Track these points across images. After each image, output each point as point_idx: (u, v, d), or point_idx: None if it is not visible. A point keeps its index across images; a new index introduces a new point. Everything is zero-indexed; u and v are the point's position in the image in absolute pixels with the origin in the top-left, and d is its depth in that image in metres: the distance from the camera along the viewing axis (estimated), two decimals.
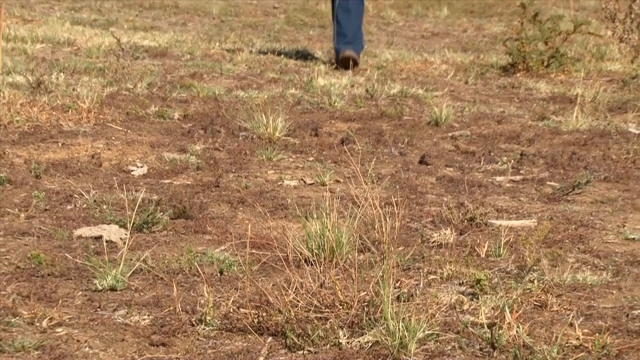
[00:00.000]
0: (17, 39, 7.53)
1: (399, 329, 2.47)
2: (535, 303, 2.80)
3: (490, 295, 2.82)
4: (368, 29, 9.05)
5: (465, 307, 2.76)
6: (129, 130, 4.72)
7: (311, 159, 4.43)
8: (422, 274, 3.01)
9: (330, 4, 7.60)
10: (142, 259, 2.99)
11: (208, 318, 2.60)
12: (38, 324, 2.55)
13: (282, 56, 7.52)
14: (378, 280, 2.58)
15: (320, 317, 2.54)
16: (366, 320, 2.54)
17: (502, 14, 11.62)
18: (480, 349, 2.50)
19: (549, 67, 7.02)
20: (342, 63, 7.12)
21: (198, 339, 2.53)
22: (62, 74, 5.91)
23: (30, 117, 4.72)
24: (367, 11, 8.88)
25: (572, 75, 6.95)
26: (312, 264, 2.70)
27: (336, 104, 5.60)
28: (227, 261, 3.05)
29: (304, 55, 7.67)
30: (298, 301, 2.57)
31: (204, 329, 2.57)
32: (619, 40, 8.07)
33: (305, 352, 2.47)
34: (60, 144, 4.39)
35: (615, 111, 5.73)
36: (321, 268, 2.66)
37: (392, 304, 2.52)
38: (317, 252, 2.96)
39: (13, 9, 9.53)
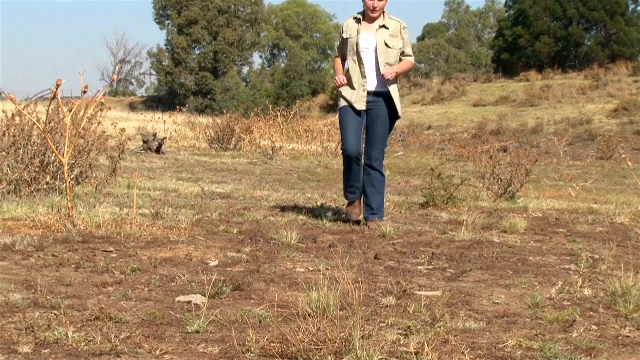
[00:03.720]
0: (144, 188, 7.60)
1: (363, 355, 2.45)
2: (442, 340, 2.77)
3: (416, 335, 2.79)
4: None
5: (401, 342, 2.73)
6: (208, 240, 4.73)
7: (312, 256, 4.43)
8: (376, 323, 2.98)
9: (344, 170, 5.63)
10: (214, 314, 2.97)
11: (252, 349, 2.57)
12: (153, 353, 2.53)
13: (296, 198, 7.58)
14: (351, 326, 2.56)
15: (318, 348, 2.52)
16: (344, 350, 2.51)
17: (420, 174, 11.76)
18: None
19: (448, 204, 7.07)
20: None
21: None
22: (170, 208, 5.94)
23: (152, 233, 4.74)
24: None
25: (460, 209, 7.00)
26: (312, 317, 2.68)
27: (326, 225, 5.62)
28: (263, 315, 3.02)
29: (308, 198, 7.72)
30: (304, 339, 2.55)
31: (250, 355, 2.54)
32: (486, 189, 8.17)
33: None
34: (168, 248, 4.40)
35: (485, 229, 5.76)
36: (318, 319, 2.64)
37: (359, 340, 2.50)
38: (315, 310, 2.94)
39: (144, 172, 9.64)
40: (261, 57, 65.49)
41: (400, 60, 5.58)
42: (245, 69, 56.89)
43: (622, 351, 2.73)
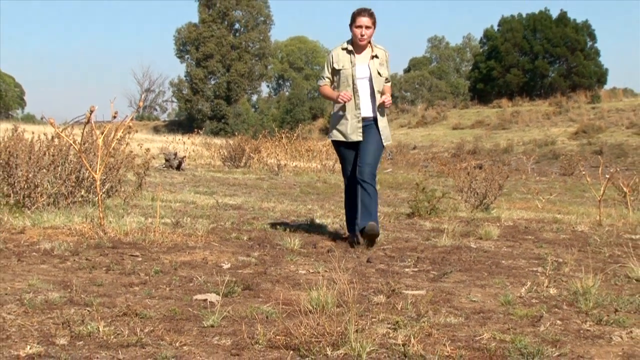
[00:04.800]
0: (166, 200, 7.60)
1: (357, 346, 2.44)
2: (426, 333, 2.77)
3: (403, 329, 2.79)
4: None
5: (390, 335, 2.72)
6: (221, 246, 4.72)
7: (312, 259, 4.42)
8: (368, 318, 2.98)
9: (345, 195, 5.22)
10: (227, 311, 2.96)
11: (260, 341, 2.56)
12: (173, 344, 2.52)
13: (298, 209, 7.57)
14: (346, 321, 2.55)
15: (317, 340, 2.51)
16: (340, 342, 2.51)
17: (407, 188, 11.75)
18: (398, 357, 2.46)
19: (431, 214, 7.07)
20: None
21: (255, 352, 2.49)
22: (188, 218, 5.94)
23: (172, 240, 4.73)
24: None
25: (442, 218, 7.00)
26: (313, 313, 2.68)
27: (325, 232, 5.61)
28: (270, 312, 3.01)
29: (309, 209, 7.71)
30: (306, 332, 2.54)
31: (259, 346, 2.53)
32: (464, 201, 8.17)
33: (310, 359, 2.43)
34: (187, 253, 4.39)
35: (463, 236, 5.75)
36: (317, 315, 2.64)
37: (353, 333, 2.50)
38: (315, 307, 2.94)
39: (166, 186, 9.62)
40: (268, 86, 65.69)
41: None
42: (254, 97, 57.13)
43: (583, 343, 2.73)
